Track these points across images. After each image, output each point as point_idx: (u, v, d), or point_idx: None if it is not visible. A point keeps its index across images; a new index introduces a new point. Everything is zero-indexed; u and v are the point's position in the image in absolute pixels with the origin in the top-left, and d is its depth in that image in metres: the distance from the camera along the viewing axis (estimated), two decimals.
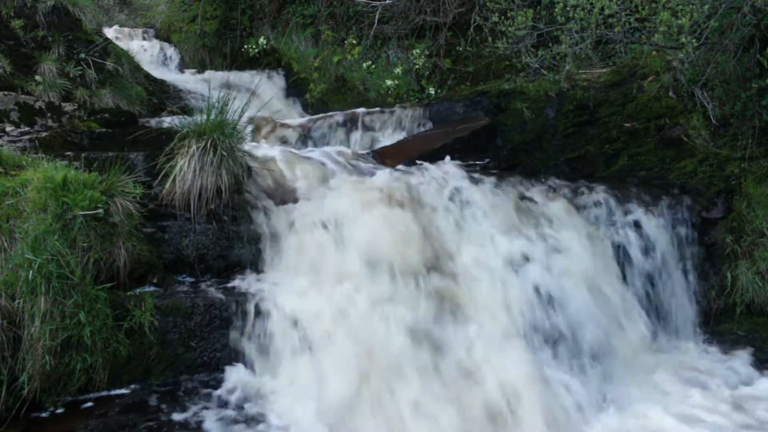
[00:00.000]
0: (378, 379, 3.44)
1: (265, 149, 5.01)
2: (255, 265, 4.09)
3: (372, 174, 4.91)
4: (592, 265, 4.38)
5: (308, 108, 8.48)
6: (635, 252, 4.60)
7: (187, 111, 6.23)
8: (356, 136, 6.26)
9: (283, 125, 6.40)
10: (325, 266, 3.98)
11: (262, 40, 9.15)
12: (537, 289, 4.09)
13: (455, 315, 3.89)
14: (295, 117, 7.51)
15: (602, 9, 4.76)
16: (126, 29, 10.91)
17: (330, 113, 6.75)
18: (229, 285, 3.89)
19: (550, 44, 5.54)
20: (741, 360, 4.26)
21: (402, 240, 4.04)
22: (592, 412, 3.67)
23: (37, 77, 6.13)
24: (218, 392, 3.44)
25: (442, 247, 4.18)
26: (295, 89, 8.80)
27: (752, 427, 3.64)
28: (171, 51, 10.17)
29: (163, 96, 7.90)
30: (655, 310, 4.55)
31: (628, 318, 4.36)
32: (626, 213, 4.77)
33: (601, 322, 4.18)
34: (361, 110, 6.61)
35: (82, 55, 6.70)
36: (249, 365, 3.63)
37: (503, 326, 3.88)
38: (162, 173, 4.11)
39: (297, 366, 3.59)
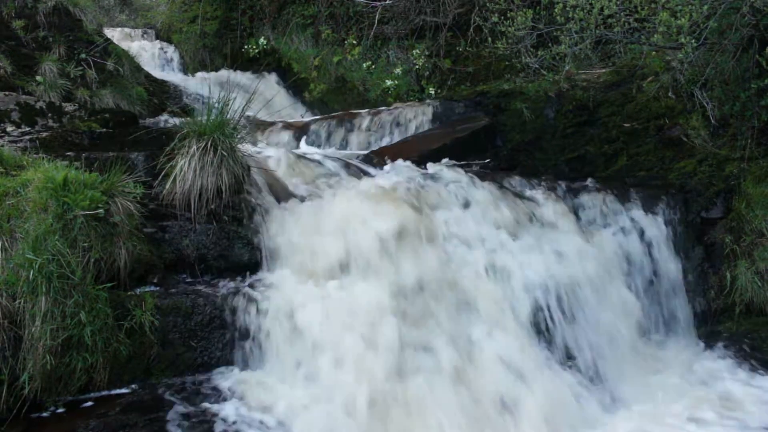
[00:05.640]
0: (382, 387, 3.46)
1: (265, 149, 5.02)
2: (255, 265, 4.09)
3: (371, 174, 4.92)
4: (591, 265, 4.39)
5: (308, 108, 8.49)
6: (634, 252, 4.61)
7: (187, 111, 6.25)
8: (356, 136, 6.27)
9: (283, 125, 6.42)
10: (325, 266, 3.98)
11: (262, 40, 9.16)
12: (536, 289, 4.10)
13: (454, 315, 3.90)
14: (295, 117, 7.52)
15: (602, 9, 4.77)
16: (126, 29, 10.93)
17: (330, 113, 6.76)
18: (230, 285, 3.90)
19: (550, 44, 5.55)
20: (740, 359, 4.26)
21: (401, 238, 4.05)
22: (590, 411, 3.69)
23: (38, 77, 6.14)
24: (219, 391, 3.44)
25: (441, 247, 4.19)
26: (295, 89, 8.81)
27: (752, 427, 3.65)
28: (171, 51, 10.18)
29: (164, 96, 7.91)
30: (655, 310, 4.56)
31: (627, 318, 4.36)
32: (626, 213, 4.77)
33: (600, 321, 4.19)
34: (360, 110, 6.62)
35: (83, 56, 6.71)
36: (249, 365, 3.64)
37: (503, 325, 3.89)
38: (162, 173, 4.11)
39: (297, 366, 3.59)
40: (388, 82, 7.54)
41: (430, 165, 5.07)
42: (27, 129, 4.98)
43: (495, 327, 3.90)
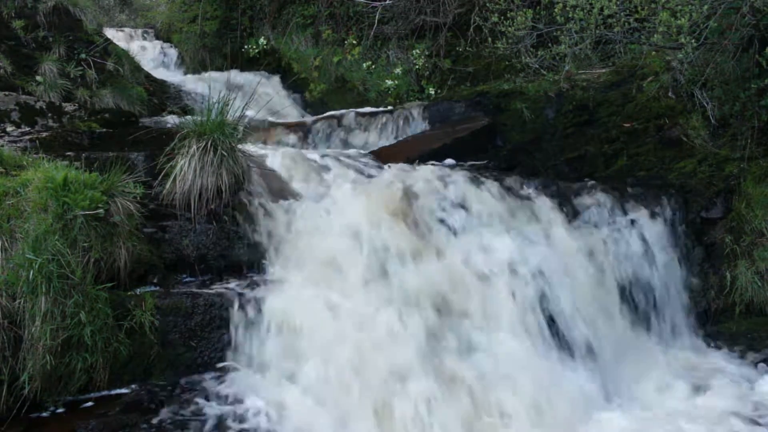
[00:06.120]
0: (378, 384, 3.46)
1: (265, 149, 5.02)
2: (255, 264, 4.09)
3: (371, 174, 4.92)
4: (590, 265, 4.39)
5: (308, 108, 8.48)
6: (634, 251, 4.60)
7: (187, 111, 6.25)
8: (356, 136, 6.27)
9: (284, 125, 6.42)
10: (324, 266, 3.98)
11: (262, 40, 9.16)
12: (535, 289, 4.10)
13: (454, 317, 3.90)
14: (295, 117, 7.51)
15: (602, 9, 4.77)
16: (126, 29, 10.93)
17: (330, 113, 6.76)
18: (230, 285, 3.90)
19: (550, 44, 5.55)
20: (740, 359, 4.27)
21: (400, 237, 4.06)
22: (591, 410, 3.68)
23: (38, 77, 6.14)
24: (218, 392, 3.44)
25: (441, 248, 4.19)
26: (295, 89, 8.80)
27: (751, 425, 3.65)
28: (171, 51, 10.18)
29: (164, 96, 7.91)
30: (655, 310, 4.55)
31: (627, 317, 4.37)
32: (625, 213, 4.77)
33: (600, 321, 4.20)
34: (360, 110, 6.62)
35: (83, 56, 6.72)
36: (249, 365, 3.63)
37: (501, 323, 3.90)
38: (162, 173, 4.11)
39: (297, 365, 3.59)
40: (388, 82, 7.54)
41: (430, 165, 5.07)
42: (27, 129, 4.99)
43: (494, 325, 3.90)
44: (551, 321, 4.05)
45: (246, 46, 9.22)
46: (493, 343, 3.83)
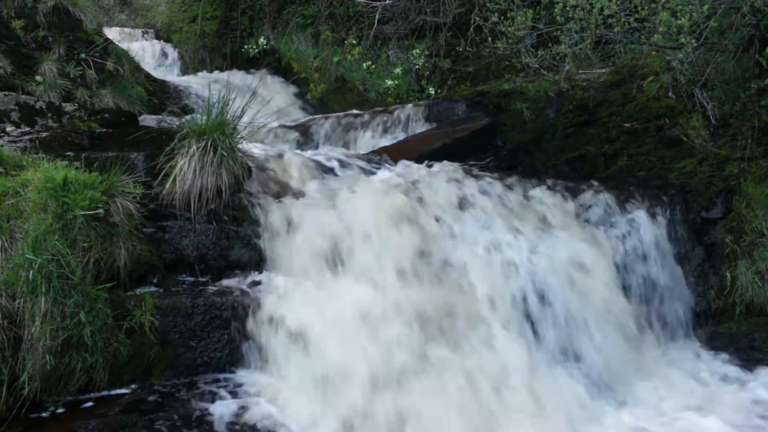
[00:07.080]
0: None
1: (265, 149, 5.02)
2: (255, 264, 4.09)
3: (372, 174, 4.92)
4: (591, 265, 4.39)
5: (308, 108, 8.49)
6: (634, 252, 4.60)
7: (187, 111, 6.25)
8: (356, 136, 6.27)
9: (283, 125, 6.41)
10: (324, 265, 3.98)
11: (262, 40, 9.17)
12: (535, 289, 4.10)
13: (456, 319, 3.90)
14: (295, 117, 7.51)
15: (602, 9, 4.76)
16: (126, 29, 10.94)
17: (330, 113, 6.76)
18: (230, 285, 3.90)
19: (550, 44, 5.54)
20: (740, 360, 4.26)
21: (402, 238, 4.06)
22: (590, 412, 3.68)
23: (38, 77, 6.15)
24: (218, 392, 3.44)
25: (441, 247, 4.19)
26: (295, 89, 8.81)
27: (751, 426, 3.65)
28: (171, 51, 10.19)
29: (164, 96, 7.91)
30: (654, 310, 4.55)
31: (627, 318, 4.36)
32: (626, 213, 4.77)
33: (600, 321, 4.19)
34: (360, 110, 6.62)
35: (83, 56, 6.72)
36: (250, 365, 3.63)
37: (502, 326, 3.89)
38: (162, 173, 4.11)
39: (296, 367, 3.59)
40: (388, 82, 7.55)
41: (430, 165, 5.07)
42: (27, 129, 4.99)
43: (493, 326, 3.90)
44: (554, 322, 4.05)
45: (246, 46, 9.23)
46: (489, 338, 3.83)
